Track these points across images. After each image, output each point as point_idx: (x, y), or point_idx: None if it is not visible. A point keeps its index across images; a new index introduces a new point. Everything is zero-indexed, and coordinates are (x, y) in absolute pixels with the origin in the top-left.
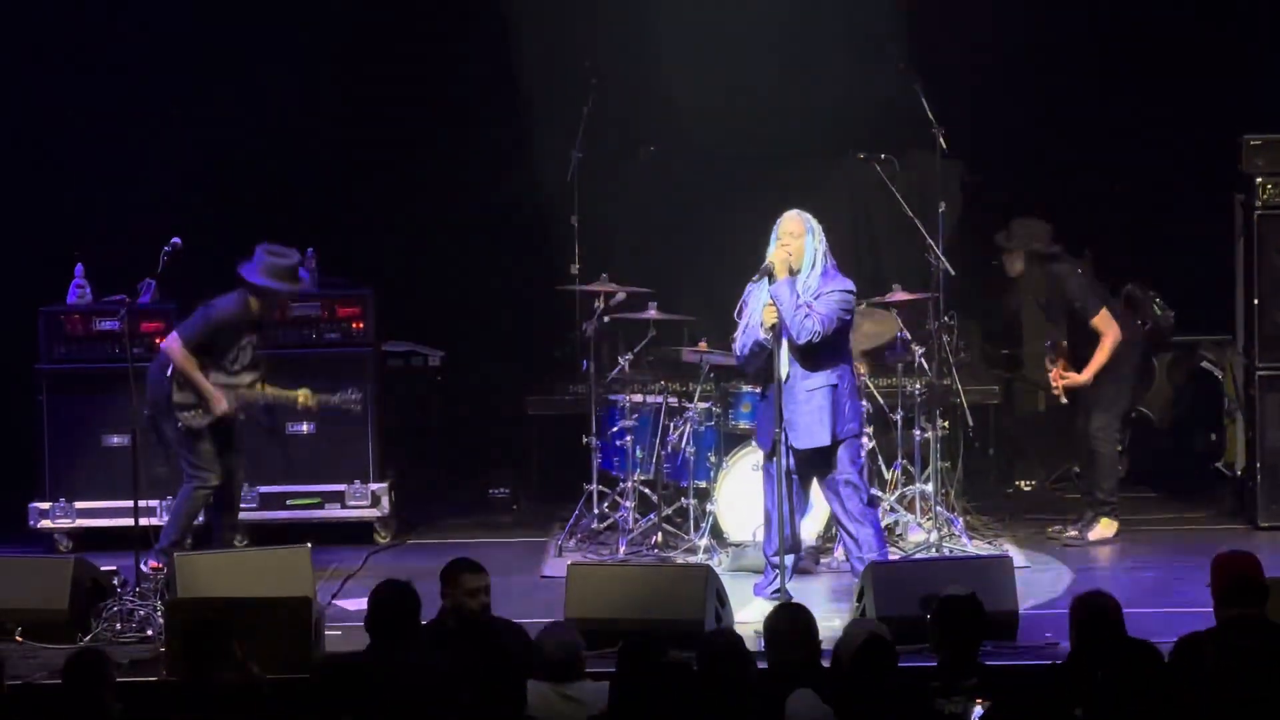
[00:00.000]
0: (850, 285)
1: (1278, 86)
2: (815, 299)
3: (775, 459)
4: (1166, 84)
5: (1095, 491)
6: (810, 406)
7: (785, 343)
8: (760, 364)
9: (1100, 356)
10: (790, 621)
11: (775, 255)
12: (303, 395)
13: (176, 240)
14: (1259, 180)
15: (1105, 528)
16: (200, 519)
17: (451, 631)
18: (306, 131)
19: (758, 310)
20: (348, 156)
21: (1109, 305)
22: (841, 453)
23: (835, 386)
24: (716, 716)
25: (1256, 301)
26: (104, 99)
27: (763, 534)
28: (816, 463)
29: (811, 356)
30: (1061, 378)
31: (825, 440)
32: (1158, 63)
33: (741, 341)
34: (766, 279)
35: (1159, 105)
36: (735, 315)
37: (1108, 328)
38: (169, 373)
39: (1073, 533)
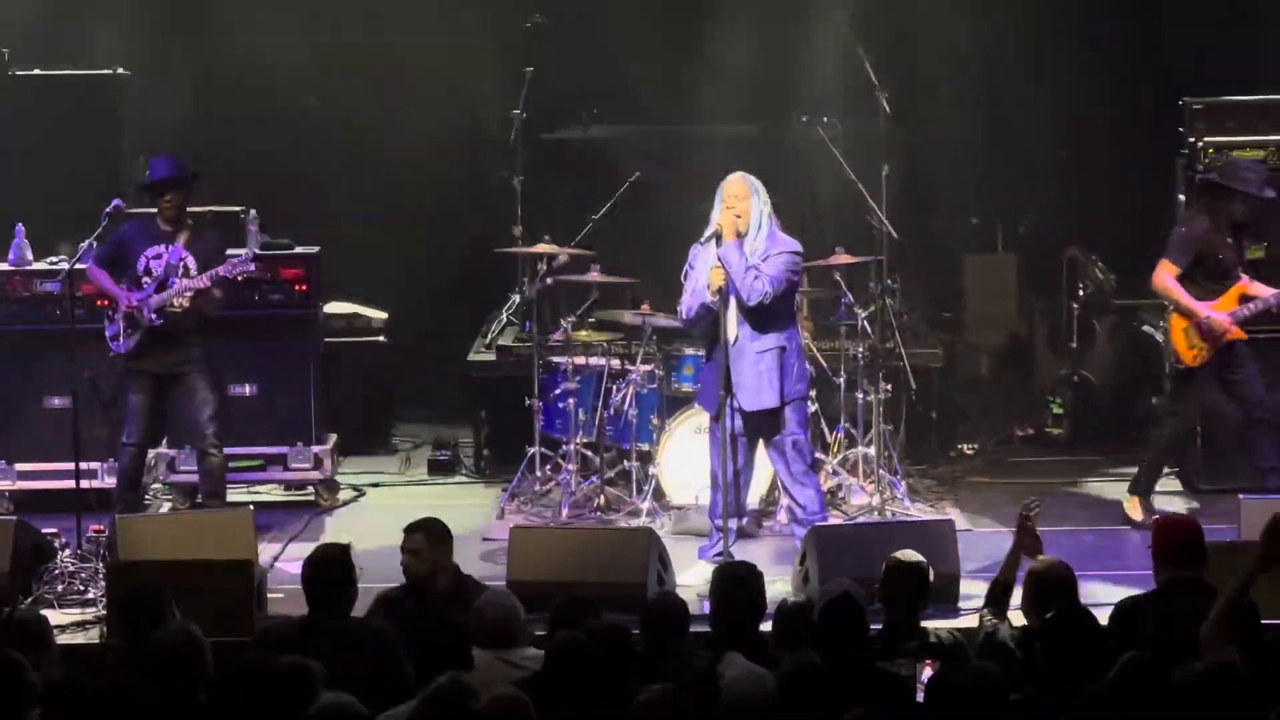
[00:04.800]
0: (797, 246)
1: (1219, 50)
2: (763, 261)
3: (720, 422)
4: (1109, 47)
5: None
6: (760, 368)
7: (733, 305)
8: (707, 326)
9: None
10: (736, 579)
11: (722, 218)
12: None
13: (118, 201)
14: (1200, 144)
15: None
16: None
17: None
18: (249, 93)
19: (704, 273)
20: (291, 118)
21: None
22: (789, 414)
23: (784, 349)
24: (653, 679)
25: None
26: (49, 60)
27: (707, 497)
28: (764, 424)
29: (761, 318)
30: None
31: (773, 402)
32: (1100, 26)
33: (688, 304)
34: (714, 241)
35: (1101, 69)
36: (682, 278)
37: None
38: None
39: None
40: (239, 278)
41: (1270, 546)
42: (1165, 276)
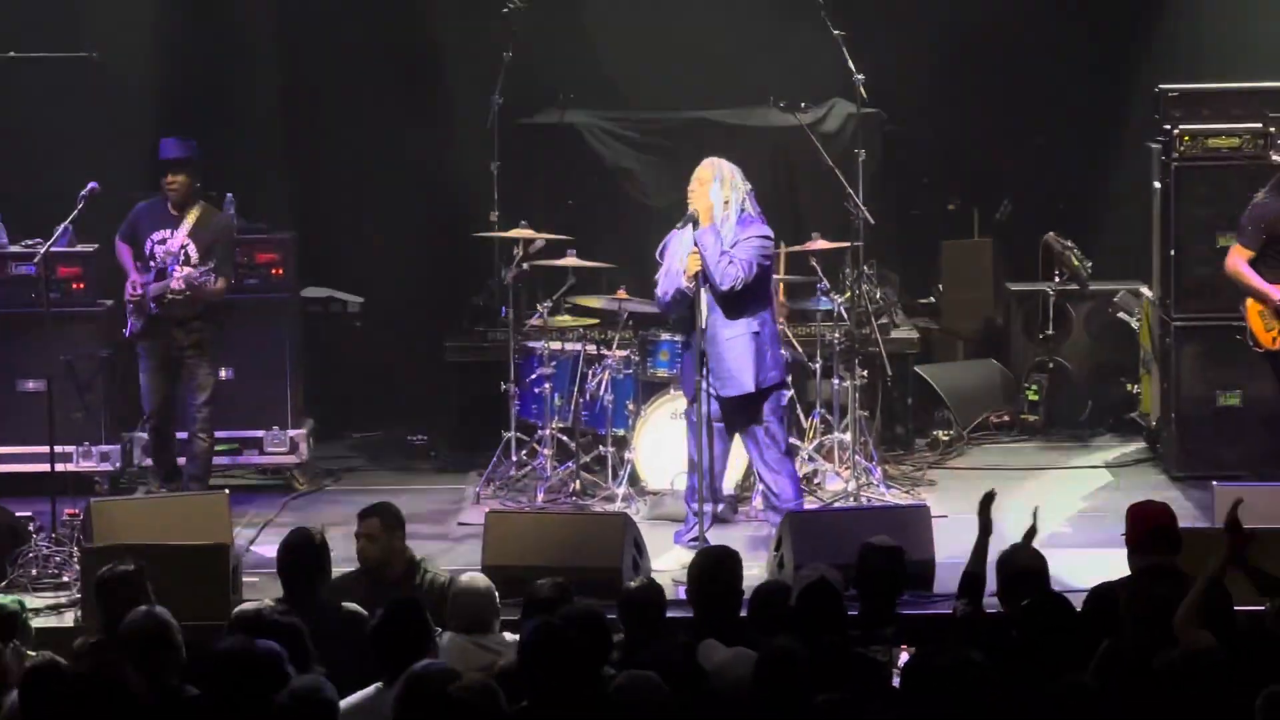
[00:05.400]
0: (767, 231)
1: (1196, 37)
2: (732, 246)
3: (696, 406)
4: (1086, 33)
5: None
6: (733, 354)
7: (707, 291)
8: (683, 311)
9: None
10: (716, 564)
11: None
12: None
13: (94, 185)
14: (1176, 131)
15: None
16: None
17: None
18: (225, 78)
19: (679, 256)
20: (267, 102)
21: None
22: (763, 401)
23: (757, 334)
24: (630, 665)
25: (1173, 253)
26: (21, 41)
27: (682, 482)
28: (739, 410)
29: (733, 304)
30: None
31: (749, 387)
32: (1077, 12)
33: (663, 288)
34: (690, 225)
35: (1078, 55)
36: (657, 256)
37: None
38: None
39: None
40: (189, 291)
41: (1236, 538)
42: (1237, 260)
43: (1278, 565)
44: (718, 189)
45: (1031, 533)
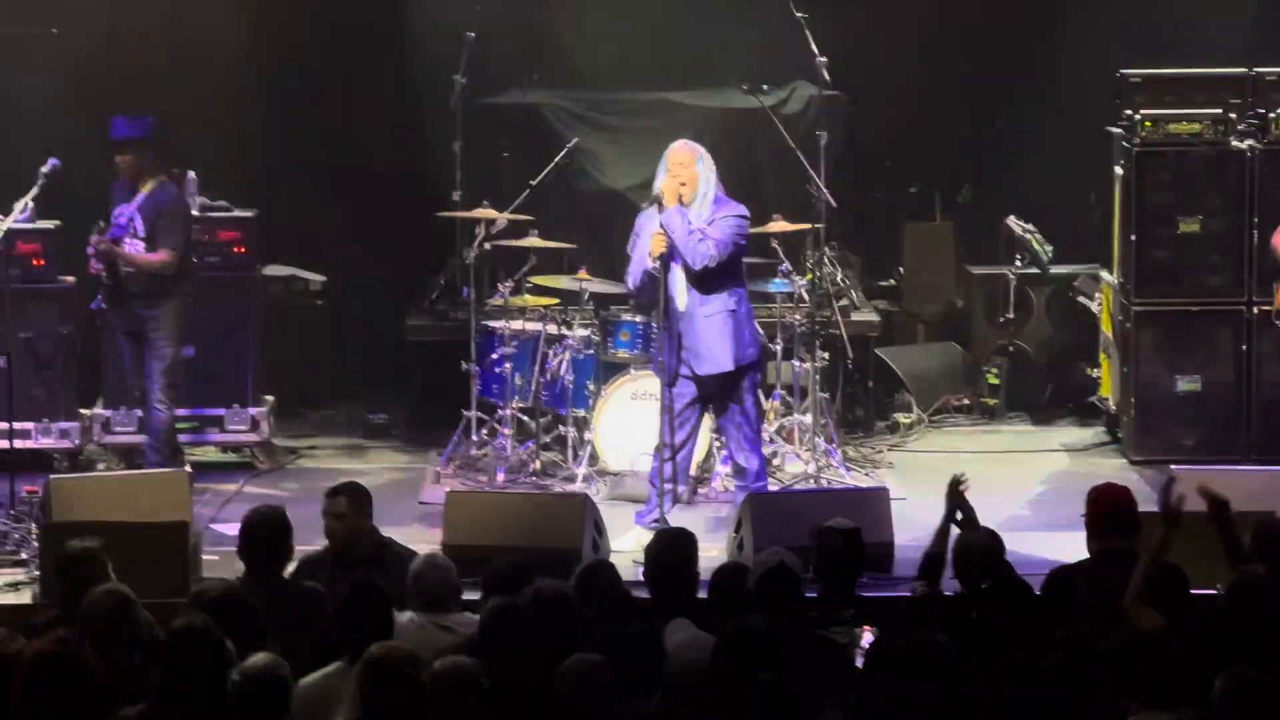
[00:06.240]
0: (744, 210)
1: (1158, 22)
2: (709, 225)
3: (666, 387)
4: (1048, 17)
5: None
6: (711, 332)
7: (681, 271)
8: (653, 294)
9: None
10: (671, 546)
11: (666, 185)
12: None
13: (55, 161)
14: (1138, 117)
15: None
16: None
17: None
18: (189, 54)
19: (649, 240)
20: (230, 79)
21: None
22: (742, 380)
23: (734, 311)
24: (587, 645)
25: (1134, 238)
26: None
27: (643, 463)
28: (717, 388)
29: (708, 282)
30: None
31: (728, 365)
32: None
33: (634, 274)
34: (656, 208)
35: (1040, 38)
36: (628, 249)
37: None
38: None
39: None
40: (110, 262)
41: (1168, 507)
42: None
43: (1205, 548)
44: (702, 169)
45: (964, 520)
